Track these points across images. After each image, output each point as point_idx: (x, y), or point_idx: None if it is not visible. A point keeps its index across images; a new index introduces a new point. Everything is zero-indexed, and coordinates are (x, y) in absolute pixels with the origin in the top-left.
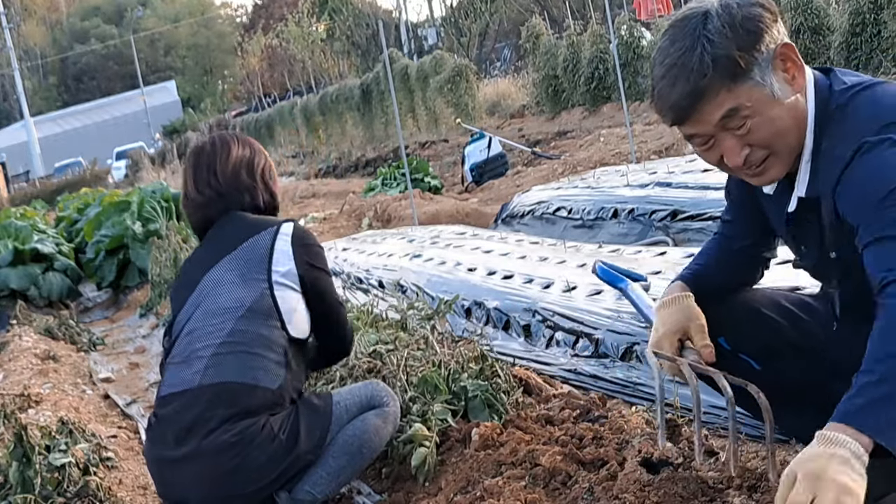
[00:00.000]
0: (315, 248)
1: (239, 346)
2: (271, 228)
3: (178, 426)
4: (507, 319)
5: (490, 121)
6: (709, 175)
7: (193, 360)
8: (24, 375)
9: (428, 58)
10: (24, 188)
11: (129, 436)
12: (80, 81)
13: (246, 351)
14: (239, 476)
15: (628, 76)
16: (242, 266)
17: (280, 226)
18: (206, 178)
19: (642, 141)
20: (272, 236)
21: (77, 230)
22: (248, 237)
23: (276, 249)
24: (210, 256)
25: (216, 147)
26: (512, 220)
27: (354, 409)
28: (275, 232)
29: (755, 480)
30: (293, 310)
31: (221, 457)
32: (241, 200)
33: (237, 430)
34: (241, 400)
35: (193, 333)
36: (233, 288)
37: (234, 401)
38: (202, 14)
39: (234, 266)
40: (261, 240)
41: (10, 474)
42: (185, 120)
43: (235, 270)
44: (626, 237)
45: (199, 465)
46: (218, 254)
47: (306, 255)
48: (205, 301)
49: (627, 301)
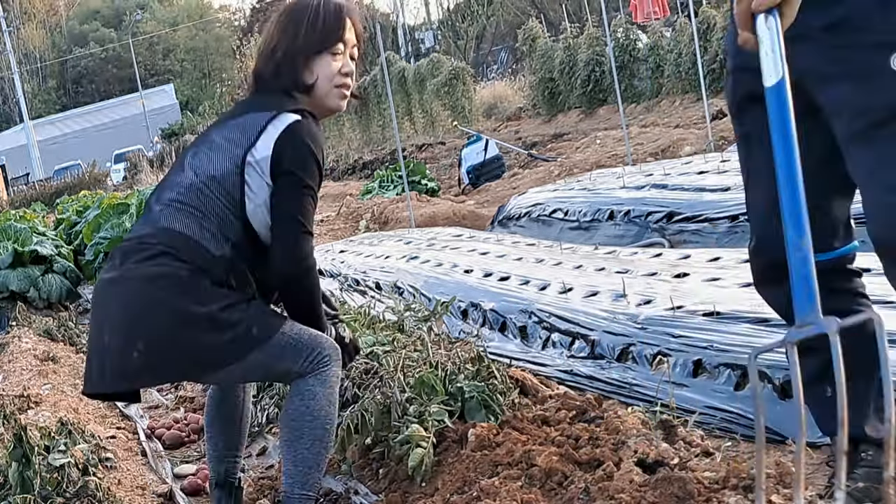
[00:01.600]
0: (299, 151)
1: (191, 206)
2: (272, 113)
3: (122, 251)
4: (504, 321)
5: (487, 123)
6: (704, 177)
7: (153, 206)
8: (24, 376)
9: (425, 61)
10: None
11: (127, 436)
12: (79, 85)
13: (199, 211)
14: (155, 311)
15: (624, 79)
16: (232, 135)
17: (281, 114)
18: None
19: (638, 143)
20: (267, 119)
21: (76, 232)
22: (254, 111)
23: (264, 133)
24: (225, 118)
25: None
26: (508, 222)
27: (289, 352)
28: (271, 117)
29: (751, 480)
30: (257, 198)
31: (147, 283)
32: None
33: (171, 266)
34: (182, 249)
35: (167, 181)
36: (213, 153)
37: (176, 246)
38: (200, 17)
39: (228, 133)
40: (259, 118)
41: (10, 475)
42: (183, 123)
43: (225, 137)
44: (623, 239)
45: (123, 286)
46: (229, 116)
47: (285, 152)
48: (194, 157)
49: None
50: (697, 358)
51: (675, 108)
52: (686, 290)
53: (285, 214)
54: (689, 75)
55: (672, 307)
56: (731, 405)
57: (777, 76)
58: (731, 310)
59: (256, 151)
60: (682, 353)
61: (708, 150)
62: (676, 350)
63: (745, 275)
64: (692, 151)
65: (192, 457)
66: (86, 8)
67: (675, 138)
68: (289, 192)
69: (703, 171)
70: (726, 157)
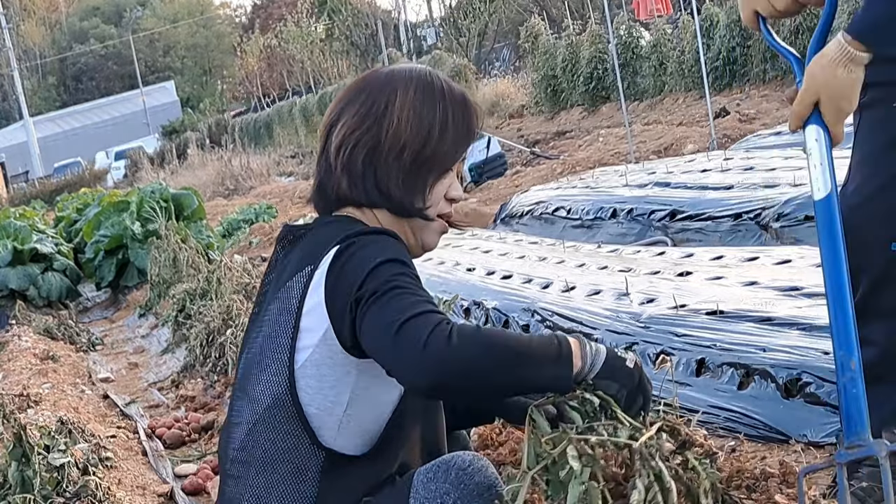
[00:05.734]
0: (360, 273)
1: (246, 467)
2: (308, 269)
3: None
4: (506, 319)
5: (489, 121)
6: (707, 175)
7: (224, 459)
8: (24, 375)
9: (427, 58)
10: (23, 188)
11: (127, 436)
12: (80, 81)
13: (253, 476)
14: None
15: (627, 76)
16: (273, 329)
17: (319, 263)
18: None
19: (641, 141)
20: (304, 283)
21: (76, 230)
22: (290, 277)
23: (304, 311)
24: (278, 275)
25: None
26: (511, 220)
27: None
28: (309, 275)
29: (754, 480)
30: (332, 406)
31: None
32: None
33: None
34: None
35: (231, 410)
36: (263, 362)
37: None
38: (201, 14)
39: (270, 323)
40: (291, 290)
41: (10, 474)
42: (184, 120)
43: (267, 331)
44: (625, 237)
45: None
46: (280, 279)
47: (344, 291)
48: (245, 356)
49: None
50: (701, 357)
51: (678, 106)
52: (689, 289)
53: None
54: (692, 73)
55: (675, 306)
56: (734, 404)
57: (826, 190)
58: (734, 308)
59: (307, 336)
60: (686, 352)
61: (711, 147)
62: (679, 349)
63: (749, 273)
64: (695, 149)
65: (192, 456)
66: (86, 4)
67: (678, 136)
68: (368, 316)
69: (707, 169)
70: (729, 156)
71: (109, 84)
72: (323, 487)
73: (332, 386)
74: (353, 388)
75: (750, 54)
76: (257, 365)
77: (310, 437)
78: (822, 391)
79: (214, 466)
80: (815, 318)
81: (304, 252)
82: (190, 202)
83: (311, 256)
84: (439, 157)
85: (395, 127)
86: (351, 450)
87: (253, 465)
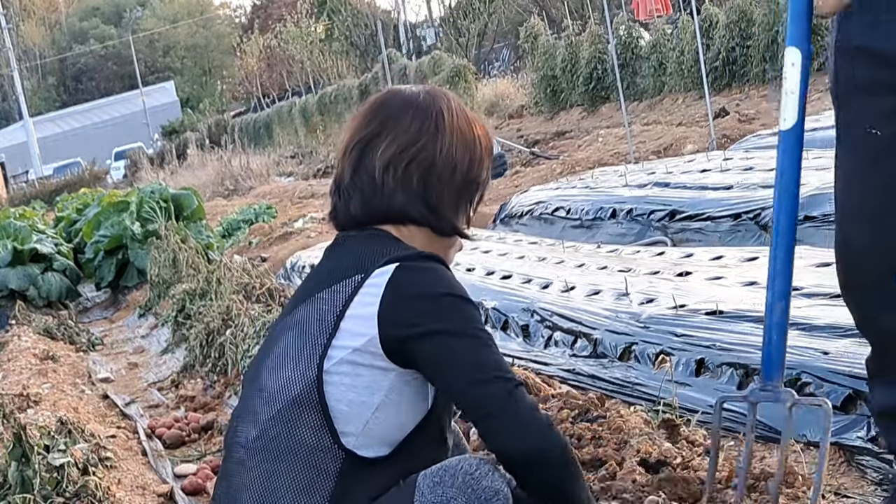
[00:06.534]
0: (428, 301)
1: (260, 454)
2: (358, 276)
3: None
4: (506, 319)
5: (488, 121)
6: (707, 175)
7: (233, 448)
8: (23, 375)
9: (426, 58)
10: (23, 188)
11: (127, 436)
12: (79, 82)
13: (266, 465)
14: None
15: (627, 76)
16: (305, 327)
17: (371, 273)
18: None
19: (641, 141)
20: (353, 289)
21: (76, 230)
22: (336, 281)
23: (347, 314)
24: (309, 285)
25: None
26: (510, 220)
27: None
28: (358, 283)
29: (754, 479)
30: (361, 406)
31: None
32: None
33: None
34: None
35: (242, 405)
36: (287, 356)
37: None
38: (201, 14)
39: (302, 322)
40: (337, 293)
41: (10, 474)
42: (183, 120)
43: (298, 329)
44: (625, 237)
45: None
46: (310, 289)
47: (408, 313)
48: (268, 356)
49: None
50: (700, 357)
51: (677, 106)
52: (689, 289)
53: (449, 375)
54: (691, 73)
55: (675, 306)
56: (734, 404)
57: (794, 120)
58: (733, 308)
59: (343, 340)
60: (685, 352)
61: (710, 148)
62: (679, 349)
63: (748, 273)
64: (695, 149)
65: (192, 456)
66: (86, 5)
67: (678, 136)
68: (439, 353)
69: (706, 169)
70: (729, 156)
71: (109, 84)
72: (338, 490)
73: (366, 385)
74: (386, 392)
75: (749, 54)
76: (284, 357)
77: (332, 435)
78: (821, 391)
79: (214, 466)
80: (814, 319)
81: (352, 260)
82: (189, 202)
83: (361, 266)
84: (481, 179)
85: (447, 148)
86: (369, 455)
87: (268, 454)
